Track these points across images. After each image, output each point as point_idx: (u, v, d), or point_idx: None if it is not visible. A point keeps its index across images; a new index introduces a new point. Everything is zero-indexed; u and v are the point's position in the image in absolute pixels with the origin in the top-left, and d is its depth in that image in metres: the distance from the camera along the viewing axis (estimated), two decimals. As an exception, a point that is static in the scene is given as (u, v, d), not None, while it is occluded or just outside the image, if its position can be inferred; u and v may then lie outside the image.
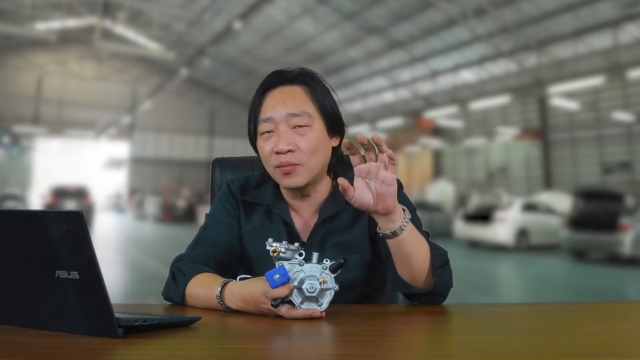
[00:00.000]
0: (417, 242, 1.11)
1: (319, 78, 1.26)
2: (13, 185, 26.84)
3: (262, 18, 20.34)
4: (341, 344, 0.88)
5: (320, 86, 1.24)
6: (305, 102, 1.21)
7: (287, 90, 1.22)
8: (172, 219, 24.07)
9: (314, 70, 1.27)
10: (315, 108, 1.22)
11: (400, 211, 1.09)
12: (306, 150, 1.18)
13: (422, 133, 26.47)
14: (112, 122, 32.13)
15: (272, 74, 1.26)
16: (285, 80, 1.23)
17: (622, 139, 20.01)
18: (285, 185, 1.22)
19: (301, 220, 1.27)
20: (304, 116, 1.19)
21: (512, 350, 0.79)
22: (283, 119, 1.19)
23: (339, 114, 1.26)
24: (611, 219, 10.38)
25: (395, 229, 1.07)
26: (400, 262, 1.11)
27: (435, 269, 1.11)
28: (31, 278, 0.86)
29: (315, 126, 1.20)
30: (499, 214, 13.34)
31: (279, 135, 1.18)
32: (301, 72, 1.25)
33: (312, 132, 1.20)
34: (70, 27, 22.97)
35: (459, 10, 17.41)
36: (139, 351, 0.77)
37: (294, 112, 1.19)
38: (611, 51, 17.46)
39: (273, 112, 1.20)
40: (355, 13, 19.91)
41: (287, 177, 1.19)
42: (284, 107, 1.20)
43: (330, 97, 1.24)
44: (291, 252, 1.00)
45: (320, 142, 1.20)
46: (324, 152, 1.22)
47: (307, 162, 1.19)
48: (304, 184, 1.20)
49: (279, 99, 1.21)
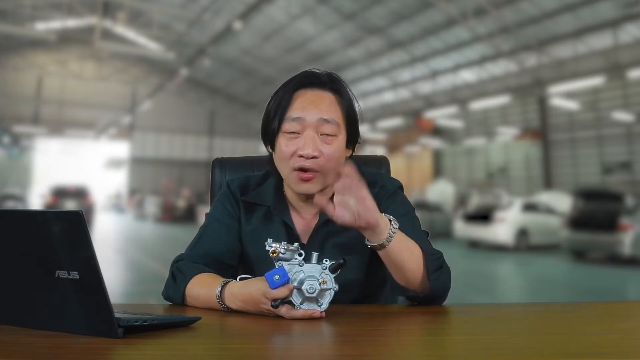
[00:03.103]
0: (408, 250, 1.09)
1: (346, 87, 1.25)
2: (13, 185, 26.83)
3: (262, 18, 20.33)
4: (341, 344, 0.88)
5: (348, 95, 1.24)
6: (335, 110, 1.20)
7: (320, 94, 1.21)
8: (172, 219, 24.07)
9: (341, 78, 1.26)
10: (343, 117, 1.21)
11: (386, 222, 1.07)
12: (329, 159, 1.17)
13: (422, 133, 26.46)
14: (112, 122, 32.12)
15: (303, 74, 1.24)
16: (318, 83, 1.22)
17: (622, 139, 20.00)
18: (300, 191, 1.21)
19: (302, 221, 1.27)
20: (334, 124, 1.19)
21: (512, 350, 0.79)
22: (314, 123, 1.18)
23: (358, 124, 1.25)
24: (611, 219, 10.37)
25: (382, 241, 1.06)
26: (392, 270, 1.11)
27: (430, 274, 1.10)
28: (31, 278, 0.86)
29: (340, 137, 1.20)
30: (499, 214, 13.34)
31: (305, 139, 1.17)
32: (332, 77, 1.24)
33: (337, 142, 1.19)
34: (70, 27, 22.96)
35: (459, 10, 17.41)
36: (139, 351, 0.77)
37: (326, 119, 1.18)
38: (611, 51, 17.46)
39: (304, 113, 1.18)
40: (355, 13, 19.90)
41: (304, 184, 1.19)
42: (317, 111, 1.18)
43: (354, 109, 1.24)
44: (291, 253, 1.00)
45: (341, 153, 1.21)
46: (341, 162, 1.21)
47: (327, 171, 1.18)
48: (318, 190, 1.20)
49: (311, 101, 1.19)
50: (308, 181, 1.18)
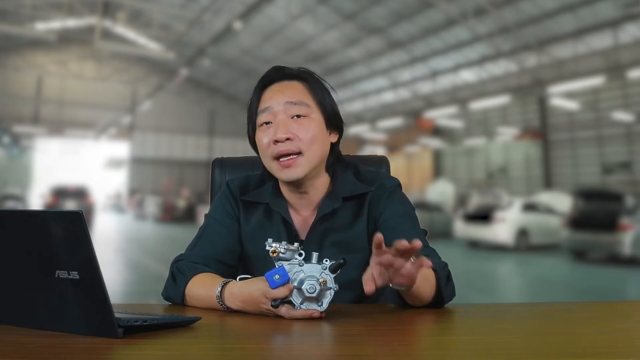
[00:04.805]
0: (424, 280, 1.05)
1: (317, 77, 1.27)
2: (13, 185, 26.85)
3: (262, 18, 20.33)
4: (341, 344, 0.88)
5: (319, 84, 1.25)
6: (303, 94, 1.22)
7: (286, 84, 1.24)
8: (172, 219, 24.07)
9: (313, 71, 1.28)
10: (314, 101, 1.23)
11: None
12: (305, 139, 1.19)
13: (422, 133, 26.46)
14: (112, 122, 32.12)
15: (271, 70, 1.27)
16: (284, 75, 1.25)
17: (622, 139, 20.00)
18: (284, 178, 1.21)
19: (300, 218, 1.27)
20: (303, 105, 1.20)
21: (512, 350, 0.79)
22: (281, 108, 1.20)
23: (337, 110, 1.26)
24: (611, 219, 10.37)
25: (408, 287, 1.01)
26: (407, 299, 1.08)
27: (443, 291, 1.09)
28: (31, 278, 0.86)
29: (313, 117, 1.21)
30: (499, 214, 13.34)
31: (277, 124, 1.19)
32: (300, 70, 1.27)
33: (311, 122, 1.20)
34: (70, 27, 22.95)
35: (459, 10, 17.41)
36: (139, 351, 0.77)
37: (293, 101, 1.20)
38: (611, 51, 17.46)
39: (271, 102, 1.21)
40: (355, 13, 19.90)
41: (287, 170, 1.19)
42: (282, 96, 1.21)
43: (328, 95, 1.26)
44: (291, 253, 1.00)
45: (319, 132, 1.21)
46: (323, 144, 1.22)
47: (307, 151, 1.19)
48: (303, 175, 1.20)
49: (277, 90, 1.22)
50: (289, 167, 1.19)
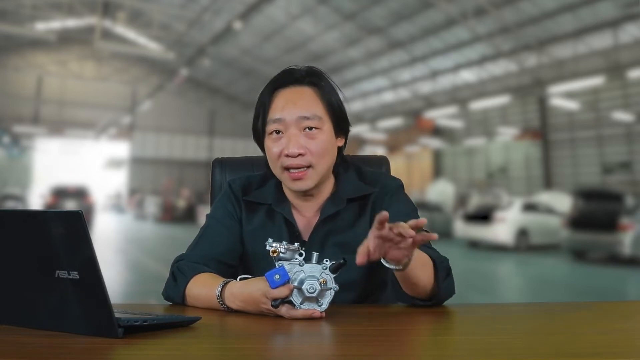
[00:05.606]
0: (421, 265, 1.06)
1: (326, 77, 1.26)
2: (13, 185, 26.85)
3: (262, 18, 20.33)
4: (341, 344, 0.88)
5: (328, 86, 1.25)
6: (315, 104, 1.21)
7: (297, 91, 1.22)
8: (172, 219, 24.08)
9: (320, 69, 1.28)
10: (324, 109, 1.22)
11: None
12: (316, 153, 1.19)
13: (422, 133, 26.46)
14: (112, 122, 32.12)
15: (281, 73, 1.26)
16: (294, 80, 1.23)
17: (622, 139, 20.00)
18: (294, 189, 1.22)
19: (303, 219, 1.27)
20: (315, 119, 1.20)
21: (512, 350, 0.79)
22: (293, 121, 1.19)
23: (345, 113, 1.26)
24: (611, 219, 10.37)
25: (401, 266, 1.00)
26: (404, 284, 1.08)
27: (440, 282, 1.09)
28: (31, 278, 0.86)
29: (324, 128, 1.21)
30: (499, 214, 13.34)
31: (288, 138, 1.19)
32: (309, 71, 1.25)
33: (322, 134, 1.20)
34: (70, 27, 22.95)
35: (459, 10, 17.40)
36: (139, 351, 0.77)
37: (306, 115, 1.19)
38: (611, 51, 17.45)
39: (283, 113, 1.20)
40: (355, 13, 19.90)
41: (297, 182, 1.20)
42: (294, 108, 1.19)
43: (337, 96, 1.25)
44: (291, 253, 1.00)
45: (329, 144, 1.21)
46: (332, 153, 1.23)
47: (317, 165, 1.19)
48: (313, 186, 1.21)
49: (289, 99, 1.21)
50: (300, 179, 1.19)
